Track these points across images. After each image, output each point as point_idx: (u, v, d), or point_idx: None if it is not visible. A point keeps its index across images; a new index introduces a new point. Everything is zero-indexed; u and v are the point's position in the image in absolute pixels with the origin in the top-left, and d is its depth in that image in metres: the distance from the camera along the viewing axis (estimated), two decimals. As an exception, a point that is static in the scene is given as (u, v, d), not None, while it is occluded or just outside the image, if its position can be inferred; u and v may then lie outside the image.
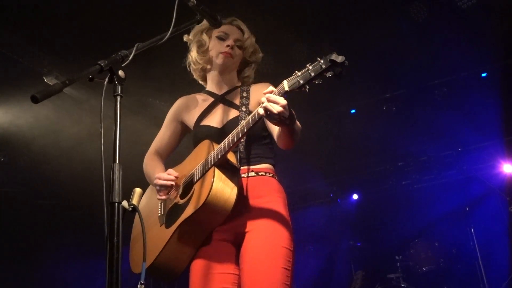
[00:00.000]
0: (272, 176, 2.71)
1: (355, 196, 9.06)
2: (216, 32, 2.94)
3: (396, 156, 8.42)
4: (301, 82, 2.11)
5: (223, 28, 2.91)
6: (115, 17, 4.96)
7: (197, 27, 2.96)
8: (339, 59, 2.04)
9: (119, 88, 1.96)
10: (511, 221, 7.15)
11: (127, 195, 1.89)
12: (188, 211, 2.49)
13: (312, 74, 2.09)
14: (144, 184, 2.98)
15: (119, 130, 1.90)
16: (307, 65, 2.13)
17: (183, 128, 3.04)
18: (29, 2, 4.80)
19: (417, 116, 7.45)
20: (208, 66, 3.00)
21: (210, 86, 3.02)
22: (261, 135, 2.74)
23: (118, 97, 1.95)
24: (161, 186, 2.69)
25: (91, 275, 7.17)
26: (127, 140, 1.88)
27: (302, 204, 8.83)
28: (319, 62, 2.09)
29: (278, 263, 2.44)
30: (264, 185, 2.65)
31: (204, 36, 2.96)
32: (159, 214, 2.77)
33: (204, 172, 2.52)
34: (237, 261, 2.59)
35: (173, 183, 2.69)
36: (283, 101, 2.16)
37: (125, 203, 1.85)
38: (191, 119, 2.94)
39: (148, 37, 2.21)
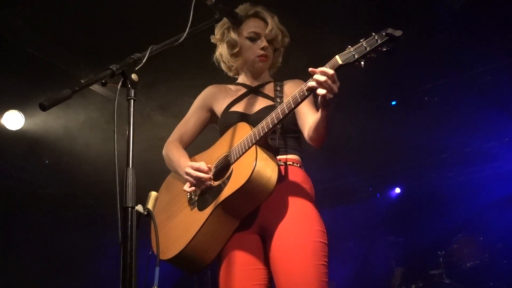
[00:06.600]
0: (300, 166, 2.69)
1: (397, 190, 8.86)
2: (245, 31, 2.88)
3: (439, 148, 8.15)
4: (356, 56, 2.10)
5: (250, 24, 2.86)
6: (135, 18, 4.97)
7: (221, 25, 2.92)
8: (397, 33, 2.04)
9: (132, 92, 1.96)
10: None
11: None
12: (229, 190, 2.42)
13: (368, 48, 2.08)
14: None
15: (133, 133, 1.90)
16: (361, 40, 2.12)
17: (210, 117, 2.99)
18: (64, 11, 4.90)
19: (459, 107, 7.18)
20: (242, 66, 2.97)
21: (243, 79, 3.00)
22: (291, 128, 2.72)
23: (132, 101, 1.95)
24: (197, 179, 2.58)
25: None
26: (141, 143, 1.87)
27: (340, 200, 8.70)
28: (374, 36, 2.09)
29: (313, 260, 2.39)
30: (292, 175, 2.62)
31: (233, 35, 2.89)
32: (189, 198, 2.70)
33: (244, 151, 2.46)
34: (264, 256, 2.54)
35: (209, 177, 2.60)
36: (333, 73, 2.14)
37: (139, 207, 1.85)
38: (220, 107, 2.90)
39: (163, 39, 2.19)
